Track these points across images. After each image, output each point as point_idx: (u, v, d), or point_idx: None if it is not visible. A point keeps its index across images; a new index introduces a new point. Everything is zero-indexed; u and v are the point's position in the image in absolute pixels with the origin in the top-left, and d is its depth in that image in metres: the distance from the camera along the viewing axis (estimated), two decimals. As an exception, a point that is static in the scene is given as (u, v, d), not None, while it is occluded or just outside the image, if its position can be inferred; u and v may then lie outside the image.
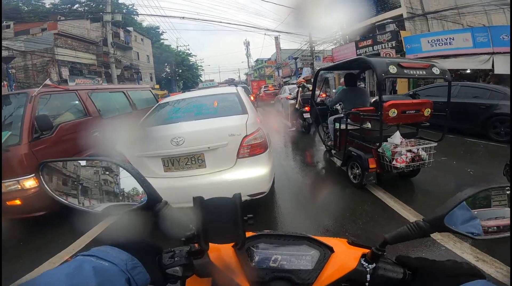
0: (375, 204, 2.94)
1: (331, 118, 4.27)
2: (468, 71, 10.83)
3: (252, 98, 9.75)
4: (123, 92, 5.38)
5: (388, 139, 3.02)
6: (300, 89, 7.18)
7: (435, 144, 3.06)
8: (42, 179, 0.51)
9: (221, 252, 0.52)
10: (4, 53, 14.16)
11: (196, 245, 0.49)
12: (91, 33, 21.55)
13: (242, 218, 0.49)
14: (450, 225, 0.47)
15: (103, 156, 0.62)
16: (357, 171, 3.34)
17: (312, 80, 5.36)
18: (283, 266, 0.50)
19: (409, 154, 2.93)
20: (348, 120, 3.63)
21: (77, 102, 3.93)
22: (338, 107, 4.77)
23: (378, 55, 11.86)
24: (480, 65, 9.47)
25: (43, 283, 0.35)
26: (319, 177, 4.27)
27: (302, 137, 7.01)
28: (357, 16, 14.19)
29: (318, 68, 5.31)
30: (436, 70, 2.94)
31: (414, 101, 3.87)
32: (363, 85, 12.94)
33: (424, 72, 2.92)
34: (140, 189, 0.50)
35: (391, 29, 13.09)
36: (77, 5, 23.59)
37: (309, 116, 5.95)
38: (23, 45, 16.73)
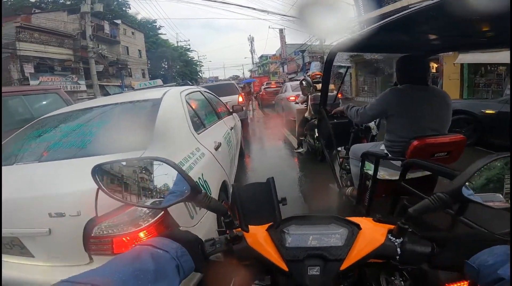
0: None
1: (356, 148, 2.11)
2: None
3: (240, 99, 6.97)
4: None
5: None
6: (304, 85, 4.31)
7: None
8: (98, 181, 0.52)
9: (257, 236, 0.54)
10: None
11: (235, 230, 0.52)
12: (68, 25, 19.33)
13: (277, 200, 0.59)
14: (468, 195, 0.46)
15: (149, 156, 0.63)
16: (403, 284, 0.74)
17: (323, 72, 2.58)
18: (315, 245, 0.51)
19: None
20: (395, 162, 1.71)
21: None
22: (373, 125, 2.59)
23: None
24: None
25: (112, 268, 0.40)
26: None
27: (313, 168, 4.03)
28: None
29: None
30: None
31: (447, 138, 1.69)
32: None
33: None
34: (184, 182, 0.51)
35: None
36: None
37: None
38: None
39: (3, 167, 1.42)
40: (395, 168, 1.75)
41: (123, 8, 26.96)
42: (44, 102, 3.82)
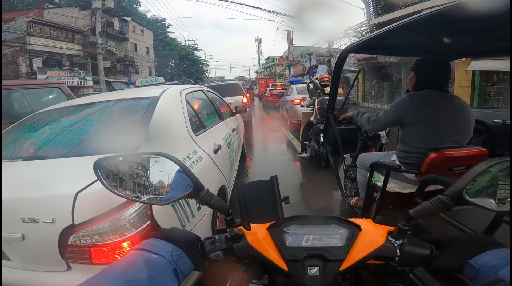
0: None
1: (364, 157, 1.96)
2: None
3: (245, 99, 6.87)
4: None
5: None
6: (311, 88, 4.14)
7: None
8: (100, 175, 0.51)
9: (257, 235, 0.53)
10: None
11: (235, 229, 0.52)
12: (79, 21, 19.52)
13: (280, 198, 0.57)
14: (469, 198, 0.46)
15: (151, 151, 0.54)
16: None
17: (332, 74, 2.37)
18: (316, 245, 0.50)
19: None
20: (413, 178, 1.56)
21: None
22: (383, 133, 2.46)
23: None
24: None
25: (104, 278, 0.39)
26: None
27: (316, 174, 3.90)
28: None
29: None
30: None
31: (468, 151, 1.51)
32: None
33: None
34: (186, 178, 0.51)
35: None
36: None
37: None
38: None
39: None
40: (406, 180, 1.63)
41: (134, 6, 27.36)
42: (45, 97, 3.77)
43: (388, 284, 0.55)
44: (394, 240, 0.50)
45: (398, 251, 0.49)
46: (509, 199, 0.47)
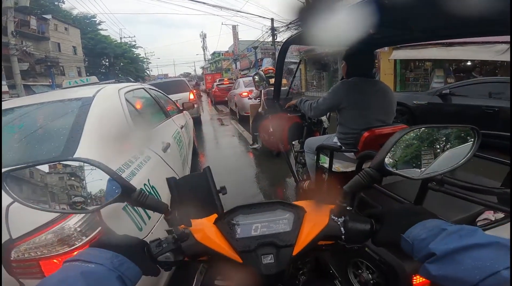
0: None
1: (310, 141, 2.13)
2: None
3: (192, 96, 6.68)
4: None
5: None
6: (257, 79, 4.21)
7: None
8: (8, 189, 0.45)
9: (205, 231, 0.52)
10: None
11: (180, 227, 0.50)
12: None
13: (216, 190, 0.56)
14: (390, 168, 0.49)
15: (68, 157, 0.61)
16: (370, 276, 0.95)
17: (276, 65, 2.46)
18: (265, 233, 0.50)
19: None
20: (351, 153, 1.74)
21: None
22: (324, 118, 2.68)
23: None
24: (495, 56, 7.37)
25: None
26: None
27: (269, 163, 4.07)
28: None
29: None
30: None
31: (393, 128, 1.73)
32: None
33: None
34: (112, 182, 0.48)
35: None
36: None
37: None
38: None
39: None
40: (349, 160, 1.79)
41: (55, 3, 24.11)
42: None
43: (350, 260, 0.58)
44: (336, 218, 0.51)
45: (342, 229, 0.50)
46: (426, 165, 0.51)
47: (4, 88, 15.43)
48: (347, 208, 0.51)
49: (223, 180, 3.36)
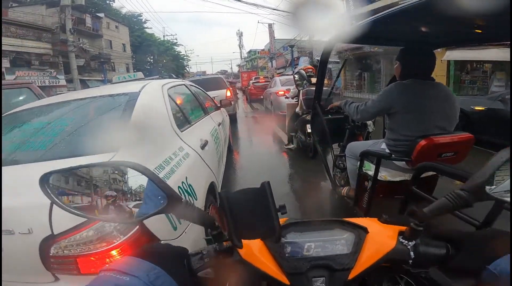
0: None
1: (353, 146, 1.94)
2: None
3: (229, 93, 6.75)
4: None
5: None
6: (297, 78, 4.08)
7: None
8: (50, 193, 0.43)
9: (251, 248, 0.48)
10: None
11: (225, 243, 0.46)
12: (47, 19, 18.42)
13: (275, 208, 0.45)
14: (493, 192, 0.40)
15: (113, 160, 0.55)
16: None
17: (319, 64, 2.29)
18: (319, 254, 0.46)
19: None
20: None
21: None
22: (369, 122, 2.43)
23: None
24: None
25: None
26: None
27: (304, 165, 3.89)
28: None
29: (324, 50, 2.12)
30: None
31: (456, 137, 1.55)
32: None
33: None
34: (157, 190, 0.43)
35: None
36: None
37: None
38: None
39: None
40: (396, 168, 1.63)
41: (107, 1, 26.14)
42: (14, 98, 3.49)
43: (387, 273, 0.52)
44: (406, 241, 0.46)
45: (412, 253, 0.45)
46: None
47: (62, 82, 17.28)
48: (422, 230, 0.45)
49: (255, 178, 3.32)
